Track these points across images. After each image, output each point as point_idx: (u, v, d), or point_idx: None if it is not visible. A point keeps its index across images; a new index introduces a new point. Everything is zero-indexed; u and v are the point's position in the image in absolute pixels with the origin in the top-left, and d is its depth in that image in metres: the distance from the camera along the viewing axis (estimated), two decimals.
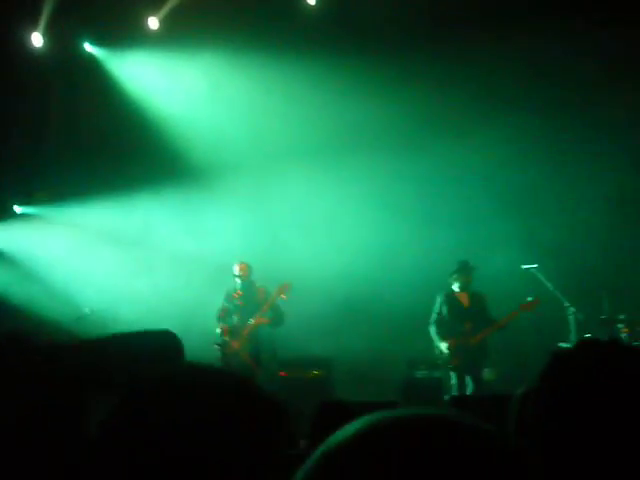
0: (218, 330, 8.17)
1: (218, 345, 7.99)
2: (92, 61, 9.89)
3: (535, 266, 8.23)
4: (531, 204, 9.64)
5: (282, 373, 8.38)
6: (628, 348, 1.29)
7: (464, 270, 8.13)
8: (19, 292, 9.25)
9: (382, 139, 9.60)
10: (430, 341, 8.17)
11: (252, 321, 8.13)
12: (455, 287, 8.19)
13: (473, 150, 9.28)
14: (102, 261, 9.59)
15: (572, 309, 7.96)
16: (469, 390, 7.93)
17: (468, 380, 7.99)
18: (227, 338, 8.10)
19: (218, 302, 8.35)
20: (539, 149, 9.52)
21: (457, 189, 9.57)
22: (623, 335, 7.66)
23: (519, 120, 9.27)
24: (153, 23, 9.60)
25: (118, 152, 9.61)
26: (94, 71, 9.81)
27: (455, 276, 8.16)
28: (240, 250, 8.97)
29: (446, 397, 7.75)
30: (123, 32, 9.62)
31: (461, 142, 9.28)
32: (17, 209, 9.95)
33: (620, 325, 7.75)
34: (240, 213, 9.84)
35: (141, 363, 1.46)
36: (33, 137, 9.56)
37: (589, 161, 9.24)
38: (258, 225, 9.79)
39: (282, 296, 8.13)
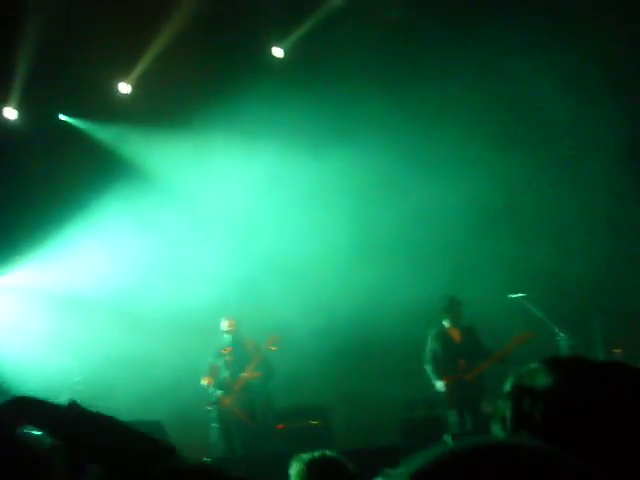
0: (206, 384, 8.09)
1: (210, 405, 7.92)
2: (69, 131, 9.93)
3: (523, 295, 8.25)
4: (518, 228, 9.71)
5: (279, 426, 8.26)
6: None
7: (453, 306, 8.11)
8: None
9: (359, 181, 9.69)
10: (426, 380, 8.12)
11: (243, 375, 8.05)
12: (446, 323, 8.17)
13: (457, 175, 9.39)
14: (76, 326, 9.41)
15: (563, 335, 7.96)
16: (469, 426, 7.86)
17: (467, 416, 7.93)
18: (219, 394, 8.03)
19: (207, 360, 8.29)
20: (524, 173, 9.66)
21: (442, 220, 9.60)
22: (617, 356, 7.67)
23: (505, 149, 9.43)
24: (124, 88, 9.72)
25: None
26: (75, 141, 9.85)
27: (444, 312, 8.15)
28: (221, 304, 8.87)
29: (447, 436, 7.66)
30: (96, 99, 9.72)
31: (442, 170, 9.39)
32: None
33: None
34: (215, 262, 9.72)
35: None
36: (11, 210, 9.52)
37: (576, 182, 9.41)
38: (237, 274, 9.63)
39: (272, 347, 8.09)
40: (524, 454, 0.70)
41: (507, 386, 1.27)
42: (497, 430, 1.24)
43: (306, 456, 3.28)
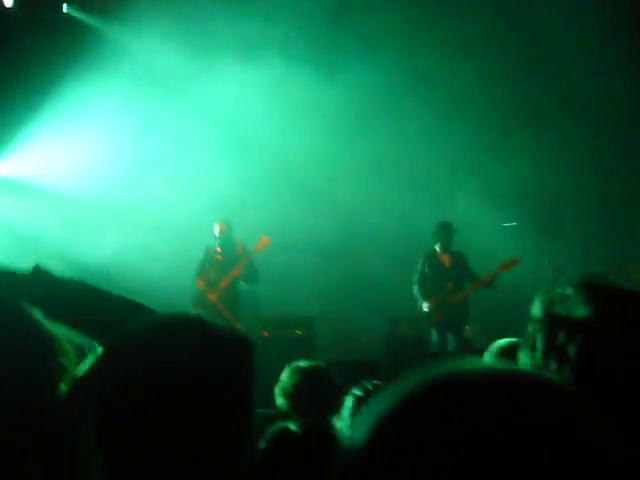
0: (197, 284, 8.21)
1: (195, 302, 8.04)
2: (72, 24, 9.60)
3: (514, 224, 8.28)
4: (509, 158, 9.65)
5: (264, 333, 8.41)
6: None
7: (445, 231, 8.18)
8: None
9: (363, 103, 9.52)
10: (412, 299, 8.24)
11: (229, 273, 8.17)
12: (437, 247, 8.25)
13: (455, 101, 9.27)
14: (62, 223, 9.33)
15: (553, 264, 8.01)
16: (451, 347, 8.03)
17: (450, 337, 8.10)
18: (203, 288, 8.16)
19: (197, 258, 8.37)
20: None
21: (438, 146, 9.52)
22: None
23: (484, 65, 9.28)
24: None
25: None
26: (71, 28, 9.53)
27: (436, 237, 8.22)
28: (218, 206, 8.85)
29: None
30: None
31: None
32: None
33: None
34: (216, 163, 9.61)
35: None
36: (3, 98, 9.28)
37: None
38: (239, 178, 9.55)
39: (259, 249, 8.17)
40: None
41: (537, 310, 1.13)
42: (524, 357, 1.11)
43: (300, 363, 3.36)
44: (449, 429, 0.61)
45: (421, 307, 8.14)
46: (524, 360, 1.11)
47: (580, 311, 1.08)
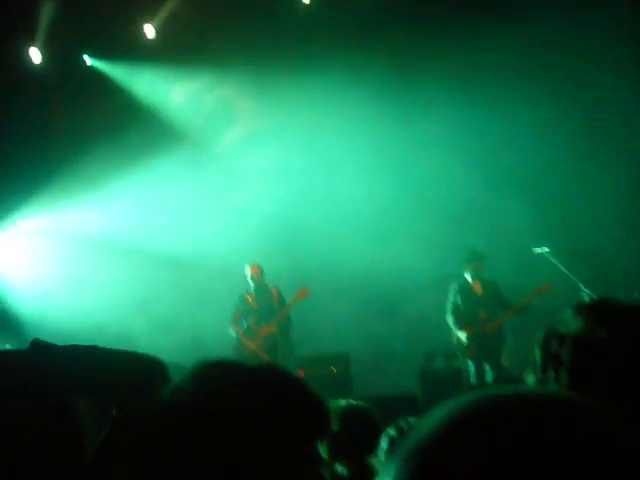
0: (233, 333, 8.18)
1: (235, 348, 8.02)
2: (93, 74, 9.87)
3: (547, 249, 8.18)
4: (541, 186, 9.58)
5: (300, 371, 8.36)
6: None
7: (475, 259, 8.12)
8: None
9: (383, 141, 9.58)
10: (446, 331, 8.16)
11: (265, 327, 8.13)
12: (467, 276, 8.18)
13: (478, 134, 9.24)
14: (100, 271, 9.47)
15: (587, 291, 7.91)
16: (489, 378, 7.91)
17: (487, 368, 7.98)
18: (243, 339, 8.13)
19: (231, 304, 8.38)
20: (544, 131, 9.47)
21: (464, 178, 9.50)
22: None
23: (527, 92, 9.22)
24: (149, 31, 9.60)
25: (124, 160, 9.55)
26: (96, 84, 9.79)
27: (467, 265, 8.15)
28: (249, 249, 8.89)
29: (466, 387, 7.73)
30: (121, 42, 9.62)
31: (456, 120, 9.23)
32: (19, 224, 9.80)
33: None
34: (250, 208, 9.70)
35: (123, 379, 1.40)
36: (35, 151, 9.53)
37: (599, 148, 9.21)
38: (276, 216, 9.61)
39: (299, 300, 8.15)
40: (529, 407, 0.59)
41: (539, 335, 1.31)
42: (529, 376, 1.27)
43: (337, 402, 3.33)
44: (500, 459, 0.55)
45: (457, 337, 8.06)
46: (528, 377, 1.28)
47: (570, 324, 1.24)
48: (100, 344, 1.43)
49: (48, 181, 9.40)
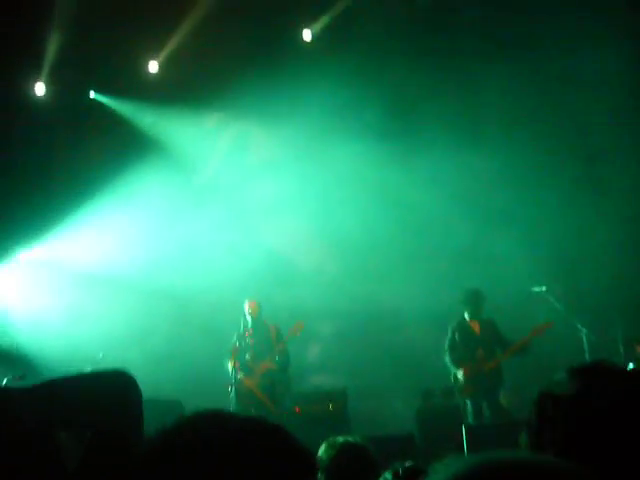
0: (230, 366, 8.15)
1: (232, 385, 7.96)
2: (99, 108, 9.98)
3: (544, 288, 8.21)
4: (538, 226, 9.63)
5: (296, 408, 8.31)
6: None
7: (474, 299, 8.13)
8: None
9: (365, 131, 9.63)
10: (444, 370, 8.13)
11: (263, 363, 8.11)
12: (466, 315, 8.19)
13: (471, 171, 9.32)
14: (98, 302, 9.47)
15: (585, 330, 7.91)
16: (486, 417, 7.87)
17: (485, 406, 7.94)
18: (240, 376, 8.08)
19: (228, 339, 8.35)
20: (541, 166, 9.55)
21: (462, 218, 9.54)
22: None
23: (526, 135, 9.31)
24: (153, 67, 9.75)
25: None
26: (102, 118, 9.89)
27: (465, 305, 8.17)
28: (247, 284, 8.91)
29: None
30: (125, 77, 9.75)
31: (455, 160, 9.32)
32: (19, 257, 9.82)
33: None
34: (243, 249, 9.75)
35: (96, 403, 1.45)
36: (39, 186, 9.60)
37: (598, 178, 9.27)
38: (264, 255, 9.65)
39: (295, 333, 8.13)
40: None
41: (535, 396, 1.32)
42: (523, 437, 1.28)
43: (338, 438, 3.32)
44: None
45: (454, 376, 8.03)
46: (523, 439, 1.29)
47: (565, 387, 1.27)
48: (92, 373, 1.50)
49: (49, 213, 9.45)
